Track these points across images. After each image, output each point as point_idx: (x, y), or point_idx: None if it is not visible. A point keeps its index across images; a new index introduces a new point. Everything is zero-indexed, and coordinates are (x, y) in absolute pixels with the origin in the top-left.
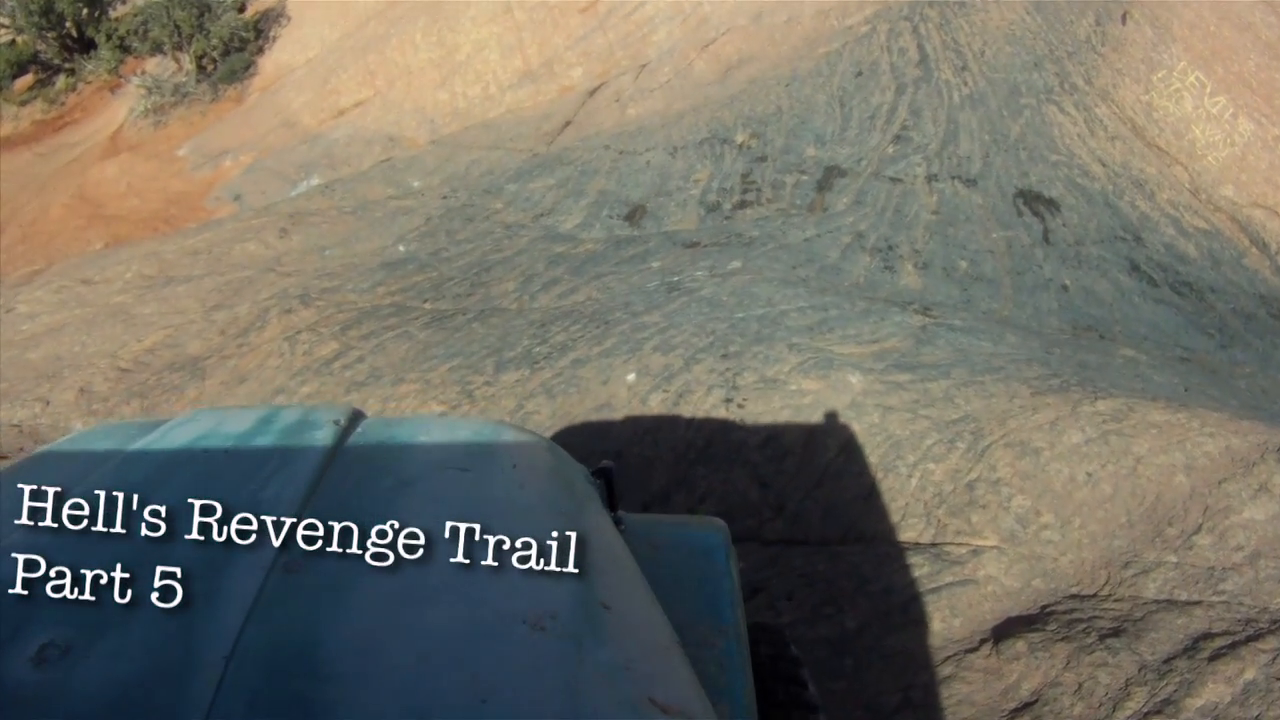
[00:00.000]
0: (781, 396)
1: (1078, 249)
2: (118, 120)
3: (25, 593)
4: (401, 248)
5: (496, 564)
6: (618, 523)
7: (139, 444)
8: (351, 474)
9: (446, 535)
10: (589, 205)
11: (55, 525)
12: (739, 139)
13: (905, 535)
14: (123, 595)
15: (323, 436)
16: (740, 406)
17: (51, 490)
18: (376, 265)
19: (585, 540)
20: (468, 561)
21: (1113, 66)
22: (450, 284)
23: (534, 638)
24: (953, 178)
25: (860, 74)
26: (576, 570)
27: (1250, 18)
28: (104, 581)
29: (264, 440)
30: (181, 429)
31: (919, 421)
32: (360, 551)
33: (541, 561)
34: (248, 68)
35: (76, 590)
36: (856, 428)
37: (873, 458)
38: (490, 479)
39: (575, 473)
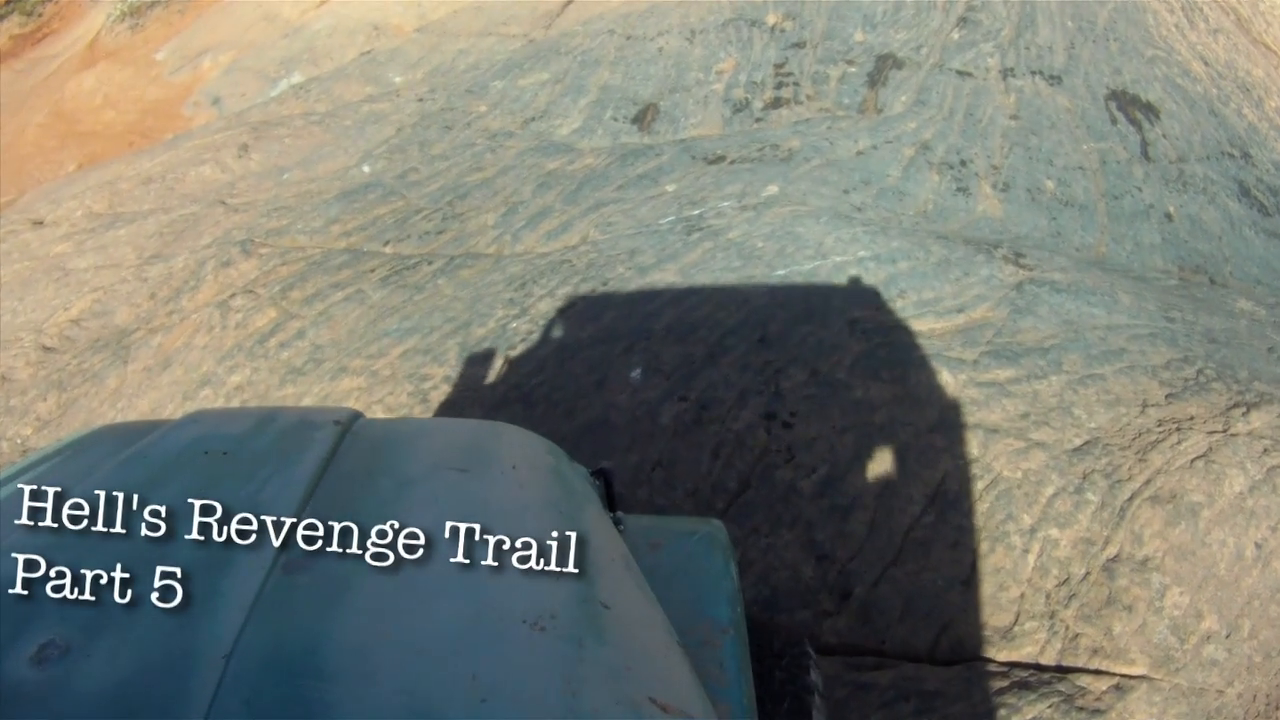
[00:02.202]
0: (842, 409)
1: (1180, 167)
2: (96, 27)
3: (25, 593)
4: (366, 168)
5: (496, 564)
6: (618, 523)
7: (139, 445)
8: (351, 475)
9: (446, 535)
10: (590, 105)
11: (55, 525)
12: (770, 20)
13: (1021, 650)
14: (123, 595)
15: (322, 437)
16: (786, 426)
17: (51, 490)
18: (335, 194)
19: (585, 540)
20: (467, 561)
21: None
22: (418, 218)
23: (534, 637)
24: (1033, 73)
25: None
26: (576, 570)
27: None
28: (104, 581)
29: (263, 441)
30: (181, 430)
31: (1033, 454)
32: (360, 551)
33: (542, 562)
34: None
35: (76, 590)
36: (948, 464)
37: (975, 516)
38: (490, 479)
39: (575, 473)
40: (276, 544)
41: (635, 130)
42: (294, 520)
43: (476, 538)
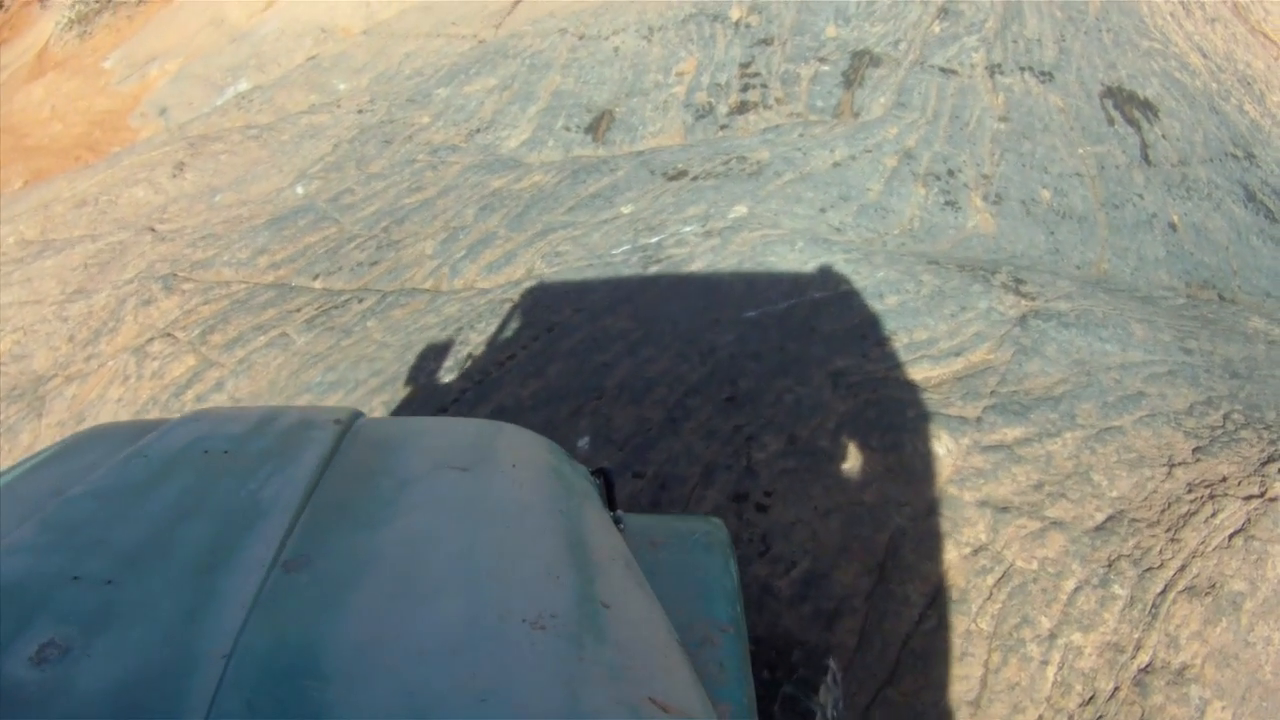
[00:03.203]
0: (826, 485)
1: (1183, 171)
2: (46, 35)
3: (25, 593)
4: (300, 189)
5: (496, 563)
6: (618, 522)
7: (139, 443)
8: (351, 474)
9: (446, 535)
10: (540, 113)
11: (55, 525)
12: (734, 14)
13: None
14: (122, 595)
15: (322, 437)
16: (760, 509)
17: (51, 490)
18: (265, 220)
19: (585, 540)
20: (467, 560)
21: None
22: (350, 246)
23: (534, 637)
24: (1021, 69)
25: None
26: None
27: None
28: (104, 581)
29: (264, 440)
30: (181, 429)
31: (1051, 538)
32: (360, 551)
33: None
34: None
35: (76, 590)
36: (952, 554)
37: (982, 620)
38: (490, 479)
39: (575, 472)
40: (276, 543)
41: (589, 141)
42: (294, 520)
43: (476, 537)
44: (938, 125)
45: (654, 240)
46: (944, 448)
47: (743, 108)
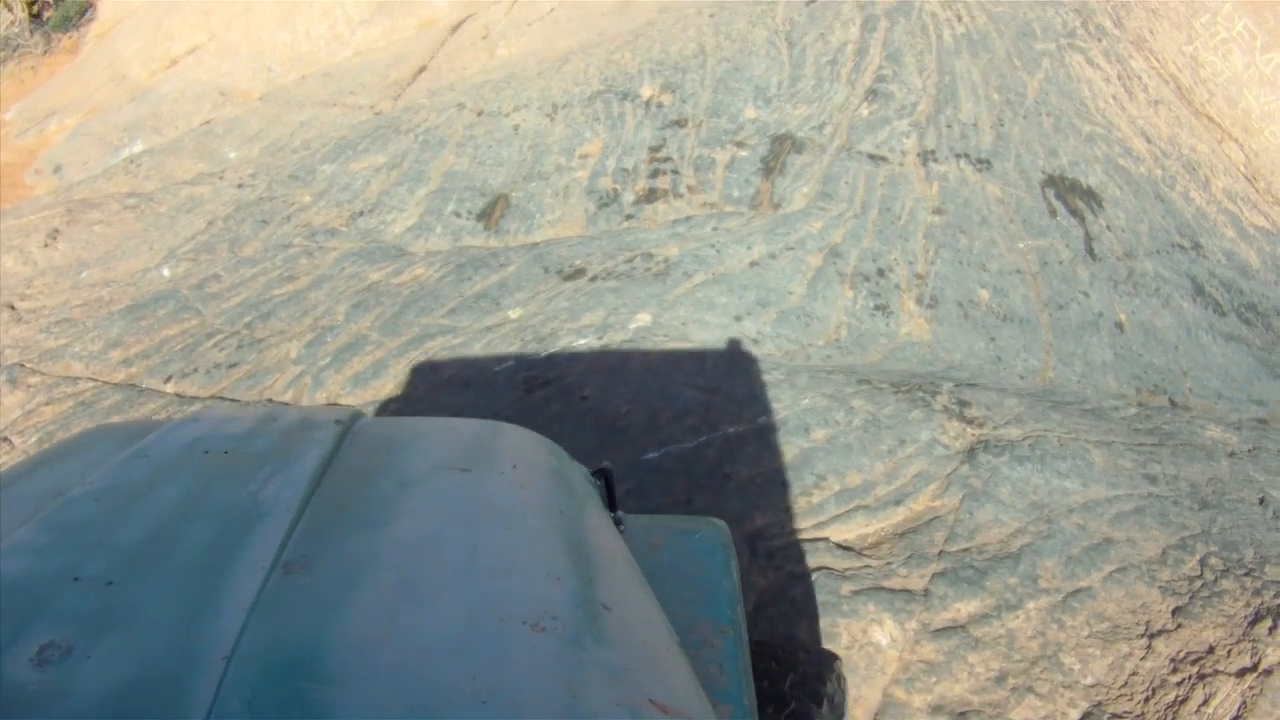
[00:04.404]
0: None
1: (1129, 265)
2: None
3: (26, 594)
4: (166, 271)
5: (496, 564)
6: (618, 523)
7: (139, 445)
8: (351, 474)
9: (446, 536)
10: (429, 196)
11: (56, 525)
12: (646, 92)
13: None
14: (123, 596)
15: (323, 437)
16: None
17: (52, 491)
18: (125, 306)
19: (585, 542)
20: (467, 561)
21: (1146, 5)
22: (210, 344)
23: (534, 638)
24: (957, 156)
25: (813, 0)
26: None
27: None
28: (104, 582)
29: (264, 441)
30: (181, 429)
31: None
32: (360, 552)
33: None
34: (84, 12)
35: (76, 590)
36: None
37: None
38: (490, 479)
39: (575, 473)
40: (277, 544)
41: (480, 229)
42: (294, 520)
43: (476, 537)
44: (866, 218)
45: (542, 355)
46: (887, 635)
47: (651, 196)
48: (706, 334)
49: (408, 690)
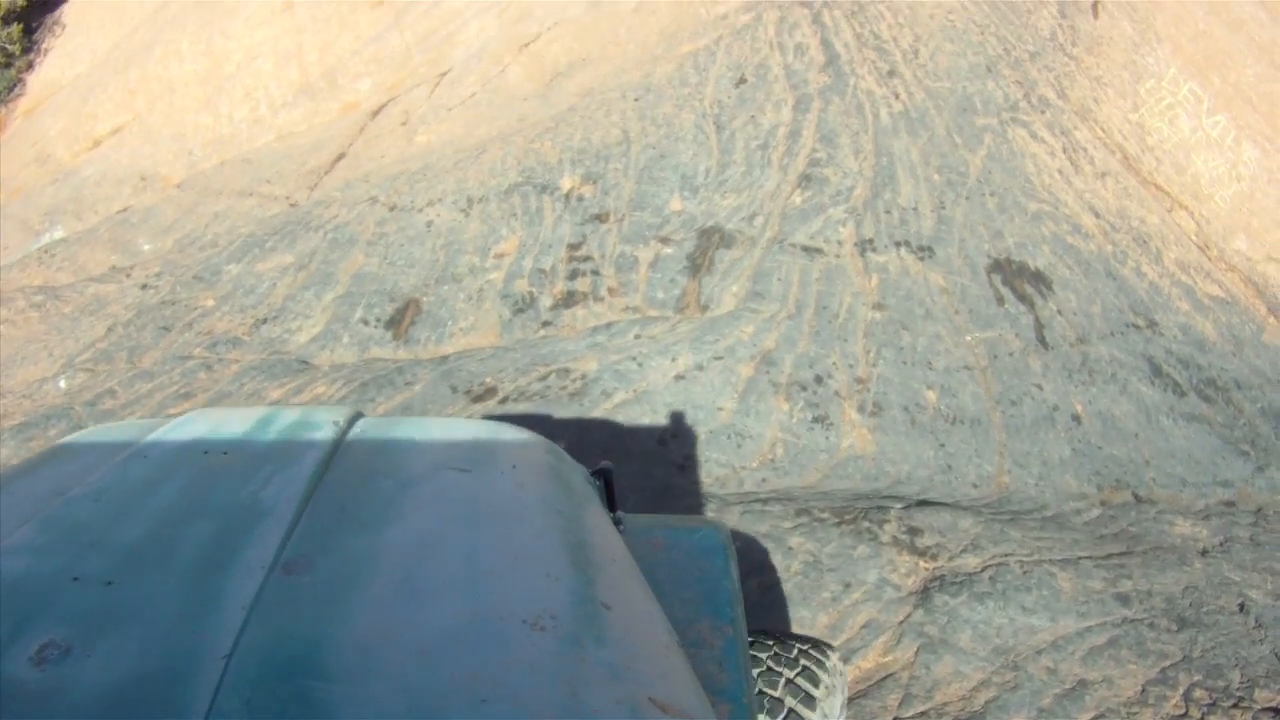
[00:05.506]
0: None
1: (1083, 350)
2: None
3: (25, 593)
4: (63, 383)
5: (496, 564)
6: (618, 523)
7: (139, 445)
8: (351, 474)
9: (446, 536)
10: (336, 301)
11: (56, 525)
12: (566, 184)
13: None
14: (123, 595)
15: (322, 437)
16: None
17: (52, 490)
18: (15, 425)
19: (585, 541)
20: (467, 561)
21: (1089, 74)
22: None
23: (534, 637)
24: (897, 244)
25: (743, 81)
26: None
27: (1240, 14)
28: (104, 581)
29: (264, 441)
30: (182, 429)
31: None
32: (360, 552)
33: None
34: (13, 88)
35: (76, 590)
36: None
37: None
38: (490, 479)
39: (575, 473)
40: (276, 543)
41: (388, 338)
42: (294, 520)
43: (476, 537)
44: (801, 319)
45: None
46: None
47: (569, 299)
48: (627, 464)
49: (408, 689)
